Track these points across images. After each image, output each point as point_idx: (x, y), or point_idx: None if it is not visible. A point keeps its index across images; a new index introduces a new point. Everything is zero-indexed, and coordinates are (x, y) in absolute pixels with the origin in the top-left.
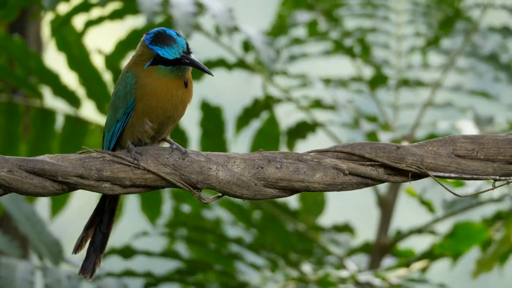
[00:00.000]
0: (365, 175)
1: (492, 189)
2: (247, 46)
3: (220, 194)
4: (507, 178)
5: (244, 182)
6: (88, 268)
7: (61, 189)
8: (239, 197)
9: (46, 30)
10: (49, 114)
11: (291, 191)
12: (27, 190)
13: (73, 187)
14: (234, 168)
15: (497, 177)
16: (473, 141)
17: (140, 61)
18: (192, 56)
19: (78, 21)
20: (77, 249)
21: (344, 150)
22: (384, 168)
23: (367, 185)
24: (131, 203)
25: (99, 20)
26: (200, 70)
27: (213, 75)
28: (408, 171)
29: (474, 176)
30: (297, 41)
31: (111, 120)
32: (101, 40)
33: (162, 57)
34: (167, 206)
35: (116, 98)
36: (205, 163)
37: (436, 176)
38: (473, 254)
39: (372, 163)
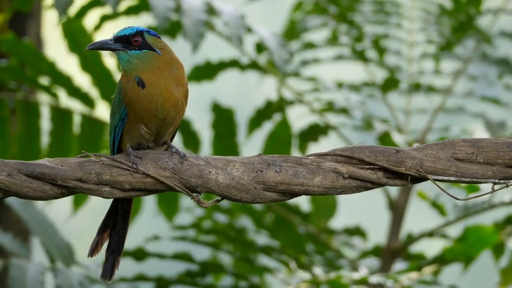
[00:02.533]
0: (365, 179)
1: (491, 192)
2: (260, 47)
3: (219, 198)
4: (507, 181)
5: (243, 186)
6: (107, 271)
7: (61, 192)
8: (238, 201)
9: (47, 30)
10: (65, 114)
11: (291, 194)
12: (27, 194)
13: (72, 191)
14: (233, 172)
15: (497, 181)
16: (473, 145)
17: None
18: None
19: (93, 16)
20: (92, 252)
21: (344, 154)
22: (384, 172)
23: (366, 188)
24: (148, 201)
25: (115, 15)
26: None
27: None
28: (408, 174)
29: (474, 180)
30: (309, 45)
31: (111, 125)
32: None
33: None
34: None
35: (113, 104)
36: (204, 167)
37: (435, 180)
38: (484, 256)
39: (372, 166)
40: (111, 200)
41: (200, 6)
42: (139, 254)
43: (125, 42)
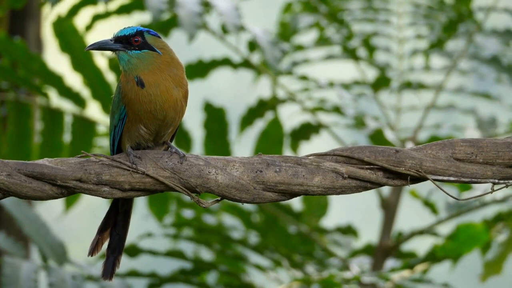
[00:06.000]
0: (364, 179)
1: (491, 192)
2: (252, 46)
3: (219, 198)
4: (506, 181)
5: (243, 186)
6: (107, 270)
7: (60, 193)
8: (238, 201)
9: (46, 30)
10: (56, 114)
11: (290, 194)
12: (26, 194)
13: (72, 191)
14: (233, 172)
15: (496, 181)
16: (472, 145)
17: None
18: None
19: (85, 15)
20: (92, 251)
21: (343, 154)
22: (383, 172)
23: (366, 188)
24: (139, 203)
25: (106, 14)
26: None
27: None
28: (407, 174)
29: (473, 180)
30: (299, 48)
31: (110, 125)
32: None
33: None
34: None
35: (113, 104)
36: (204, 167)
37: (435, 180)
38: (474, 254)
39: (371, 166)
40: (110, 200)
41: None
42: (132, 251)
43: (125, 42)
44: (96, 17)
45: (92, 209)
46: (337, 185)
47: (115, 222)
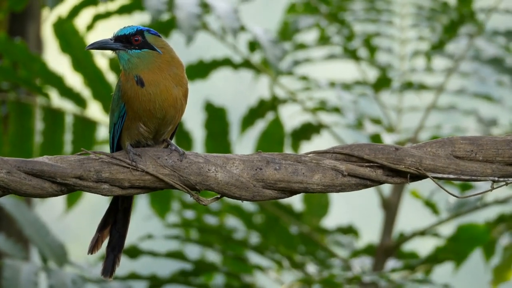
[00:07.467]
0: (364, 176)
1: (491, 190)
2: (253, 46)
3: (218, 196)
4: (506, 179)
5: (242, 184)
6: (107, 268)
7: (60, 190)
8: (237, 198)
9: (46, 31)
10: (57, 114)
11: (290, 192)
12: (26, 191)
13: (72, 188)
14: (233, 170)
15: (496, 178)
16: (472, 142)
17: None
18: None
19: (86, 15)
20: (92, 249)
21: (343, 152)
22: (383, 169)
23: (365, 186)
24: (140, 203)
25: (107, 14)
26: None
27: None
28: (407, 172)
29: (473, 178)
30: (301, 46)
31: (110, 122)
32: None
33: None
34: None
35: (113, 102)
36: (203, 165)
37: (434, 177)
38: (477, 255)
39: (371, 164)
40: (110, 198)
41: (193, 1)
42: (132, 252)
43: (125, 42)
44: (97, 17)
45: (92, 207)
46: (336, 182)
47: (115, 220)
